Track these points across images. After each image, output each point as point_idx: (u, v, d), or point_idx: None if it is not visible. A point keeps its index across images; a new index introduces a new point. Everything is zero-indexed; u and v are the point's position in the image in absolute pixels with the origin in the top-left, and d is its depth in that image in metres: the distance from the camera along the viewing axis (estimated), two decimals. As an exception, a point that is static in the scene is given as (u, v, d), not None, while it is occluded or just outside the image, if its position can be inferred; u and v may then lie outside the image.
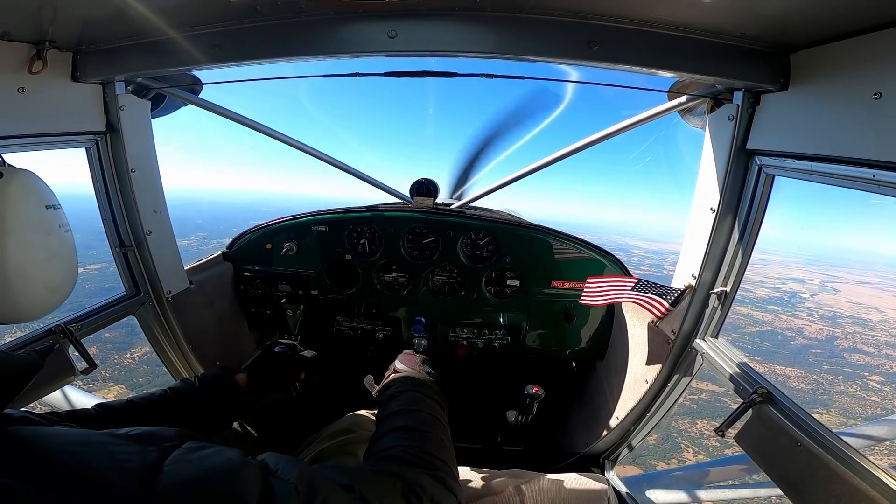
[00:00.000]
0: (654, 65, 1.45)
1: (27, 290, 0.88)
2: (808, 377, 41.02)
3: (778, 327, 54.97)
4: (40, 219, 0.92)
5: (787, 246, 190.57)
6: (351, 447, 1.71)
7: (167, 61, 1.68)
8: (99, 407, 1.20)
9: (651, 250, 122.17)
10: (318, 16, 1.48)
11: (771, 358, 43.63)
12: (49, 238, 0.94)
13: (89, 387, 23.38)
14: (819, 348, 50.36)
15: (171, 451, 0.69)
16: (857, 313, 72.13)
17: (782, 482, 1.44)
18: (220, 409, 1.46)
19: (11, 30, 1.40)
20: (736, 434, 1.64)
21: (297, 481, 0.73)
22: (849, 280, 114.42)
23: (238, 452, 0.74)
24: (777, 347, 47.89)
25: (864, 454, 1.25)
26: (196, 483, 0.65)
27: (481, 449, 2.94)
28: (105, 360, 23.55)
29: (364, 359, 3.15)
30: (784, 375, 39.99)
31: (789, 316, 60.23)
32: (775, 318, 58.36)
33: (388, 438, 1.11)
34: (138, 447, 0.67)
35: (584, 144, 2.35)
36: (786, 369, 41.46)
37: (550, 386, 2.27)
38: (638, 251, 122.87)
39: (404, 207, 2.85)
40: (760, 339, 49.41)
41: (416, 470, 0.98)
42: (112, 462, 0.63)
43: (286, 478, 0.74)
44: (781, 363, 42.81)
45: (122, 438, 0.70)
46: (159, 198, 2.15)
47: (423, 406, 1.28)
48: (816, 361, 45.62)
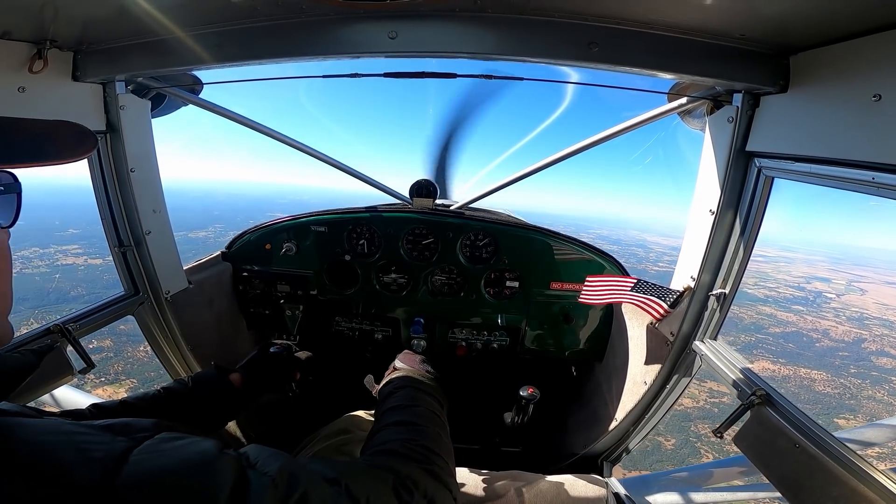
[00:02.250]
0: (654, 66, 1.45)
1: None
2: (835, 381, 40.20)
3: (803, 328, 53.83)
4: None
5: (805, 244, 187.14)
6: (348, 447, 1.71)
7: (168, 61, 1.68)
8: (93, 407, 1.20)
9: (669, 246, 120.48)
10: (318, 16, 1.48)
11: (796, 360, 42.94)
12: None
13: (101, 380, 23.53)
14: (846, 351, 49.22)
15: (142, 441, 0.68)
16: (884, 315, 70.45)
17: (780, 484, 1.44)
18: (213, 409, 1.46)
19: (12, 29, 1.40)
20: (734, 436, 1.64)
21: (275, 474, 0.71)
22: (875, 280, 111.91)
23: (214, 443, 0.72)
24: (802, 349, 46.96)
25: (862, 456, 1.25)
26: (162, 473, 0.64)
27: (480, 450, 2.94)
28: (119, 354, 23.62)
29: (363, 359, 3.15)
30: (810, 379, 39.36)
31: (815, 317, 58.87)
32: (800, 318, 57.20)
33: (385, 433, 1.11)
34: (108, 437, 0.67)
35: (584, 146, 2.35)
36: (811, 372, 40.77)
37: (549, 387, 2.27)
38: (656, 247, 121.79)
39: (404, 208, 2.85)
40: (785, 340, 48.52)
41: (410, 464, 0.96)
42: (76, 452, 0.62)
43: (265, 470, 0.72)
44: (807, 366, 42.01)
45: (94, 429, 0.69)
46: (159, 198, 2.15)
47: (420, 402, 1.28)
48: (843, 364, 44.66)
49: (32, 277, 32.50)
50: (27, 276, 34.99)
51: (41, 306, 24.28)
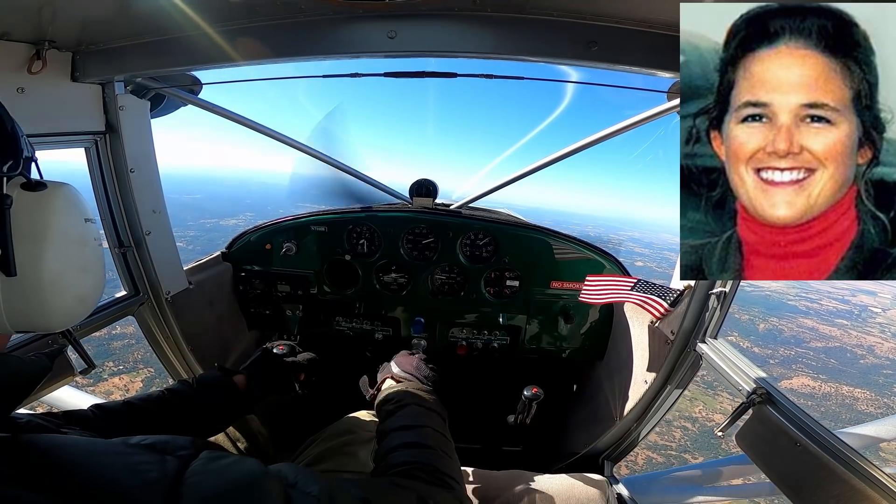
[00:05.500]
0: (653, 65, 1.44)
1: (59, 300, 0.88)
2: (879, 400, 39.03)
3: (847, 343, 51.49)
4: (79, 231, 0.93)
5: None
6: (351, 448, 1.71)
7: (167, 61, 1.68)
8: (96, 408, 1.20)
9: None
10: (317, 16, 1.48)
11: (838, 377, 41.53)
12: (85, 250, 0.95)
13: (119, 368, 24.02)
14: (890, 369, 47.22)
15: (188, 460, 0.67)
16: (933, 333, 67.11)
17: (781, 482, 1.45)
18: (217, 411, 1.45)
19: (11, 30, 1.40)
20: (735, 434, 1.64)
21: (318, 494, 0.72)
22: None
23: (257, 462, 0.72)
24: (845, 365, 45.18)
25: (863, 454, 1.25)
26: (221, 495, 0.63)
27: (481, 449, 2.94)
28: (140, 341, 23.56)
29: (364, 359, 3.15)
30: (852, 397, 38.35)
31: (859, 332, 56.06)
32: (844, 333, 54.78)
33: (398, 455, 1.11)
34: (156, 457, 0.65)
35: (584, 144, 2.35)
36: (854, 390, 39.60)
37: (550, 386, 2.27)
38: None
39: (403, 208, 2.85)
40: (827, 355, 46.63)
41: (429, 487, 0.99)
42: (133, 474, 0.60)
43: (307, 490, 0.73)
44: (849, 383, 40.70)
45: (137, 448, 0.67)
46: (158, 198, 2.15)
47: (427, 421, 1.27)
48: (887, 383, 43.08)
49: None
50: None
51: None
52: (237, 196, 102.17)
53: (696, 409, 29.66)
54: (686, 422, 27.78)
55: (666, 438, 26.34)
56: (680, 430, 27.30)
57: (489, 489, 1.88)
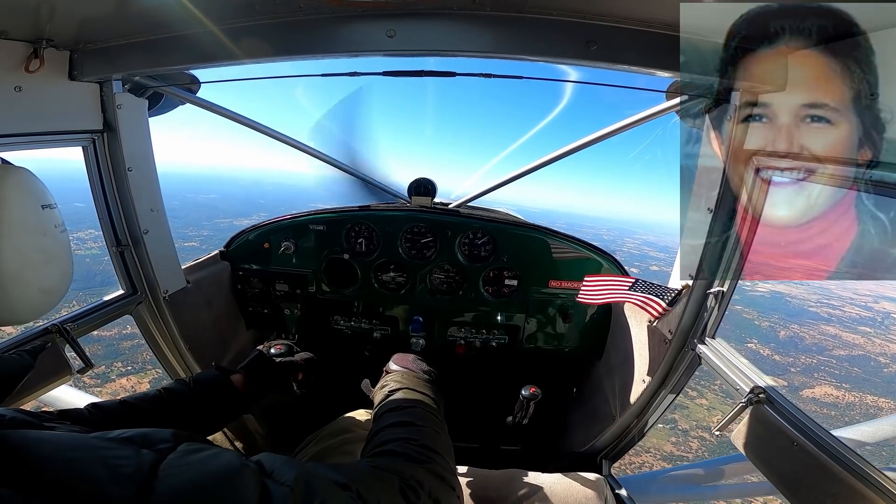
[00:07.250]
0: (652, 65, 1.44)
1: (23, 294, 0.85)
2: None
3: (871, 352, 50.21)
4: (36, 220, 0.89)
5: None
6: (349, 447, 1.71)
7: (164, 60, 1.67)
8: (92, 407, 1.19)
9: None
10: (316, 15, 1.47)
11: (862, 386, 40.99)
12: (45, 240, 0.91)
13: (128, 369, 23.57)
14: None
15: (166, 453, 0.67)
16: (958, 341, 65.44)
17: (779, 482, 1.45)
18: (215, 410, 1.45)
19: (8, 28, 1.39)
20: (733, 434, 1.64)
21: (293, 483, 0.72)
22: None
23: (235, 455, 0.72)
24: (869, 374, 44.43)
25: (860, 454, 1.26)
26: (194, 488, 0.63)
27: (479, 448, 2.94)
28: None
29: (362, 358, 3.15)
30: (876, 407, 37.93)
31: (883, 340, 54.40)
32: (868, 341, 53.30)
33: (384, 434, 1.11)
34: (132, 450, 0.66)
35: (583, 144, 2.35)
36: (878, 400, 39.18)
37: (548, 385, 2.27)
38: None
39: (402, 207, 2.85)
40: (850, 363, 45.65)
41: (412, 465, 0.98)
42: (106, 468, 0.61)
43: (282, 480, 0.72)
44: (874, 393, 40.19)
45: (114, 441, 0.68)
46: (156, 196, 2.14)
47: (417, 402, 1.28)
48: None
49: (83, 259, 32.15)
50: (79, 256, 33.68)
51: (86, 288, 23.99)
52: (251, 196, 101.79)
53: (714, 419, 29.29)
54: (703, 432, 27.16)
55: (682, 449, 25.82)
56: (697, 441, 26.71)
57: (487, 488, 1.88)
